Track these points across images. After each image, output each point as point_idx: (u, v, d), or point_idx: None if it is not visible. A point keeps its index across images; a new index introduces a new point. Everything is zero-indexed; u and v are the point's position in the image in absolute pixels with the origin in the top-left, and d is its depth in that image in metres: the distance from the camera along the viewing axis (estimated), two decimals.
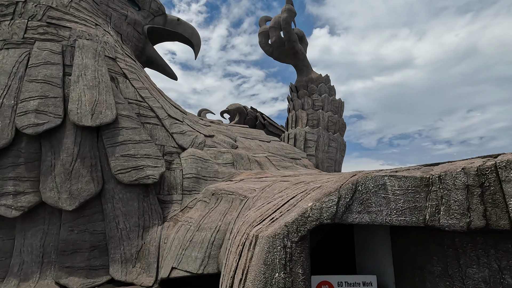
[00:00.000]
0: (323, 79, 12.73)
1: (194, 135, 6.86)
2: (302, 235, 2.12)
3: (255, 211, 2.47)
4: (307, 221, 2.16)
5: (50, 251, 4.95)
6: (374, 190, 2.36)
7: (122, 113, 5.82)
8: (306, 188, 2.47)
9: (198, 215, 4.71)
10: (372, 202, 2.32)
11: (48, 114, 5.23)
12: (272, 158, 7.98)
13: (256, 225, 2.18)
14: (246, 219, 2.39)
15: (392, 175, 2.38)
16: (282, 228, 2.11)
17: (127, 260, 4.98)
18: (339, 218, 2.29)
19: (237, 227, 2.44)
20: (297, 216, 2.13)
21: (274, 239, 2.05)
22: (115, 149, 5.41)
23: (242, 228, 2.33)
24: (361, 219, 2.29)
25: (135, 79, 6.68)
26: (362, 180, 2.38)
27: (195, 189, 5.89)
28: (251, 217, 2.36)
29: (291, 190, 2.93)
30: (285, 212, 2.22)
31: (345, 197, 2.34)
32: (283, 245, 2.07)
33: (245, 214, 2.64)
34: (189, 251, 4.22)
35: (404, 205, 2.28)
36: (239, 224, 2.42)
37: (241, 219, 2.53)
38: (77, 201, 4.94)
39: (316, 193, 2.33)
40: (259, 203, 3.53)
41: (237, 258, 2.19)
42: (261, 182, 4.80)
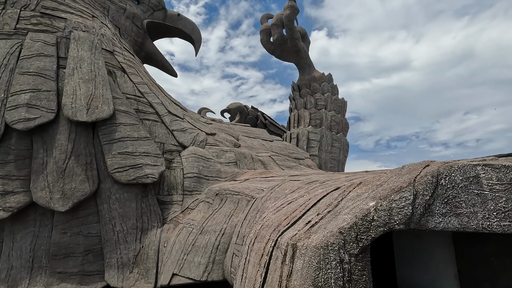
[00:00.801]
0: (326, 78, 12.48)
1: (195, 132, 6.54)
2: (364, 246, 1.55)
3: (274, 213, 2.14)
4: (371, 226, 1.58)
5: (41, 256, 4.60)
6: (463, 184, 1.79)
7: (120, 108, 5.49)
8: (338, 185, 2.09)
9: (201, 217, 4.39)
10: (462, 201, 1.76)
11: (40, 109, 4.90)
12: (276, 157, 7.68)
13: (285, 229, 1.79)
14: (266, 222, 2.03)
15: (487, 164, 1.82)
16: (336, 236, 1.54)
17: (124, 265, 4.64)
18: (415, 223, 1.74)
19: (254, 231, 2.09)
20: (356, 220, 1.57)
21: (326, 251, 1.51)
22: (112, 146, 5.08)
23: (262, 233, 1.96)
24: (447, 224, 1.72)
25: (133, 74, 6.36)
26: (445, 171, 1.81)
27: (196, 189, 5.57)
28: (273, 219, 2.01)
29: (312, 189, 2.59)
30: (327, 215, 1.72)
31: (423, 194, 1.75)
32: (339, 260, 1.52)
33: (262, 216, 2.31)
34: (191, 256, 3.89)
35: (508, 206, 1.73)
36: (256, 228, 2.07)
37: (258, 222, 2.20)
38: (70, 202, 4.60)
39: (366, 189, 1.82)
40: (271, 204, 3.22)
41: (263, 272, 1.74)
42: (268, 181, 4.49)
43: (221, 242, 3.75)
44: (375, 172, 3.20)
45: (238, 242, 3.42)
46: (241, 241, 3.38)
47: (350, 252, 1.56)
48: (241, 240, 3.40)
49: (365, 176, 2.56)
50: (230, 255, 3.51)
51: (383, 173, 2.05)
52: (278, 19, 12.25)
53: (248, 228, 3.39)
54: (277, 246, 1.68)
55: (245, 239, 2.44)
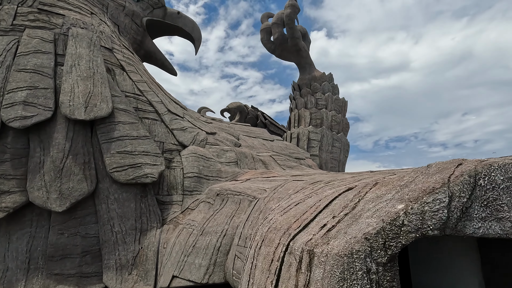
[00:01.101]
0: (327, 78, 12.40)
1: (195, 132, 6.44)
2: (392, 254, 1.36)
3: (281, 214, 2.03)
4: (401, 232, 1.38)
5: (38, 257, 4.49)
6: (505, 185, 1.59)
7: (119, 106, 5.39)
8: (350, 186, 1.96)
9: (202, 217, 4.29)
10: (504, 204, 1.56)
11: (37, 106, 4.79)
12: (277, 157, 7.59)
13: (296, 233, 1.67)
14: (273, 224, 1.92)
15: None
16: (362, 242, 1.36)
17: (123, 266, 4.54)
18: (451, 228, 1.55)
19: (261, 234, 1.98)
20: (384, 225, 1.39)
21: (351, 259, 1.33)
22: (111, 145, 4.98)
23: (270, 236, 1.84)
24: (487, 229, 1.54)
25: (133, 72, 6.26)
26: (484, 170, 1.63)
27: (196, 189, 5.47)
28: (281, 221, 1.90)
29: (318, 189, 2.47)
30: (344, 218, 1.56)
31: (459, 196, 1.57)
32: (365, 269, 1.32)
33: (267, 217, 2.21)
34: (192, 258, 3.80)
35: None
36: (263, 230, 1.97)
37: (264, 223, 2.10)
38: (68, 202, 4.49)
39: (387, 190, 1.64)
40: (274, 205, 3.13)
41: (273, 279, 1.58)
42: (270, 182, 4.40)
43: (223, 244, 3.66)
44: (382, 172, 3.12)
45: (241, 244, 3.33)
46: (244, 243, 3.28)
47: (378, 261, 1.37)
48: (243, 242, 3.31)
49: (373, 176, 2.47)
50: (232, 257, 3.42)
51: (402, 172, 1.94)
52: (278, 18, 12.17)
53: (251, 229, 3.29)
54: (289, 252, 1.55)
55: (250, 242, 2.35)
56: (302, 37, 12.45)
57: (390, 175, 2.04)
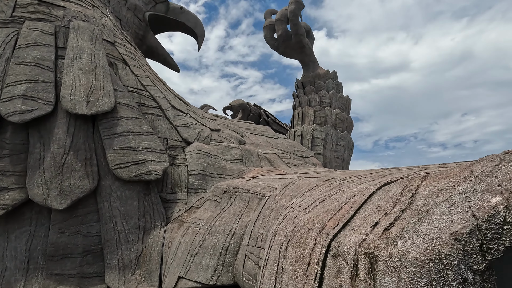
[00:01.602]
0: (331, 75, 12.23)
1: (199, 128, 6.28)
2: (492, 260, 1.06)
3: (307, 212, 1.85)
4: (503, 231, 1.05)
5: (37, 256, 4.33)
6: None
7: (122, 101, 5.22)
8: (385, 180, 1.73)
9: (208, 216, 4.13)
10: None
11: (37, 100, 4.62)
12: (282, 155, 7.43)
13: (336, 232, 1.46)
14: (299, 222, 1.73)
15: None
16: (452, 244, 1.07)
17: (126, 266, 4.37)
18: None
19: (285, 233, 1.79)
20: (478, 222, 1.08)
21: (440, 266, 1.04)
22: (113, 141, 4.81)
23: (300, 235, 1.63)
24: None
25: (135, 66, 6.09)
26: None
27: (201, 187, 5.30)
28: (309, 220, 1.71)
29: (336, 186, 2.31)
30: (402, 214, 1.29)
31: None
32: (460, 279, 1.03)
33: (287, 216, 2.04)
34: (198, 258, 3.63)
35: None
36: (287, 230, 1.77)
37: (286, 222, 1.92)
38: (68, 199, 4.32)
39: (451, 182, 1.34)
40: (287, 203, 2.97)
41: (315, 286, 1.37)
42: (279, 179, 4.24)
43: (231, 243, 3.49)
44: (397, 169, 2.95)
45: (251, 244, 3.17)
46: (254, 243, 3.12)
47: (474, 268, 1.05)
48: (254, 242, 3.14)
49: (396, 172, 2.30)
50: (241, 257, 3.25)
51: (442, 165, 1.77)
52: (282, 15, 11.99)
53: (262, 228, 3.13)
54: (334, 254, 1.34)
55: (268, 242, 2.17)
56: (306, 34, 12.28)
57: (421, 170, 1.86)
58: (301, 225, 1.67)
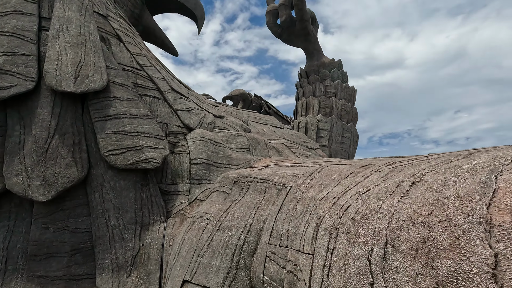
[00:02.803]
0: (336, 64, 11.68)
1: (202, 113, 5.69)
2: None
3: (398, 201, 1.30)
4: None
5: (17, 256, 3.74)
6: None
7: (115, 80, 4.60)
8: (462, 164, 1.20)
9: (217, 209, 3.57)
10: None
11: (16, 76, 3.98)
12: (290, 145, 6.89)
13: None
14: (399, 216, 1.18)
15: None
16: None
17: (120, 267, 3.81)
18: None
19: (376, 231, 1.23)
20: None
21: None
22: (106, 124, 4.21)
23: (422, 235, 1.11)
24: None
25: (131, 44, 5.45)
26: None
27: (205, 178, 4.74)
28: (416, 211, 1.15)
29: (386, 174, 1.79)
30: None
31: None
32: None
33: (334, 205, 1.51)
34: (207, 259, 3.08)
35: None
36: (381, 226, 1.22)
37: (348, 214, 1.39)
38: (53, 190, 3.73)
39: None
40: (317, 193, 2.43)
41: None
42: (299, 167, 3.70)
43: (247, 242, 2.95)
44: (418, 157, 2.44)
45: (273, 242, 2.63)
46: (278, 241, 2.58)
47: None
48: (277, 240, 2.61)
49: (432, 158, 1.81)
50: (261, 258, 2.71)
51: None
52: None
53: (287, 224, 2.59)
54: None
55: (311, 242, 1.64)
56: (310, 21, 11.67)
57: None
58: (404, 219, 1.12)
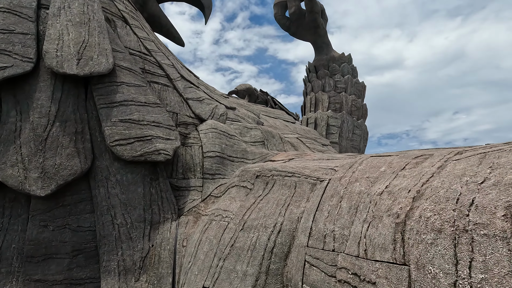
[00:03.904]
0: (346, 59, 11.29)
1: (213, 104, 5.28)
2: None
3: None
4: None
5: (11, 257, 3.33)
6: None
7: (122, 64, 4.19)
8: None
9: (238, 206, 3.17)
10: None
11: (12, 56, 3.56)
12: (305, 140, 6.50)
13: None
14: None
15: None
16: None
17: (128, 270, 3.41)
18: None
19: None
20: None
21: None
22: (112, 111, 3.80)
23: None
24: None
25: (137, 27, 5.03)
26: None
27: (219, 172, 4.34)
28: None
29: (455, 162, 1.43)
30: None
31: None
32: None
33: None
34: (230, 263, 2.69)
35: None
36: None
37: None
38: (53, 183, 3.32)
39: None
40: (369, 187, 2.05)
41: None
42: (329, 161, 3.30)
43: (278, 243, 2.56)
44: (479, 147, 2.06)
45: (314, 245, 2.23)
46: (321, 243, 2.19)
47: None
48: (319, 242, 2.21)
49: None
50: (297, 263, 2.32)
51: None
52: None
53: (331, 223, 2.20)
54: None
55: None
56: None
57: None
58: None
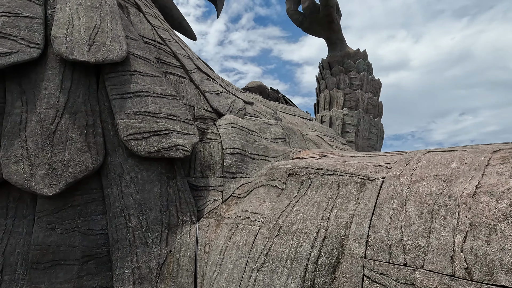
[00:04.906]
0: (361, 55, 10.88)
1: (231, 98, 4.92)
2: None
3: None
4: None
5: (15, 263, 2.99)
6: None
7: (136, 52, 3.85)
8: None
9: (270, 208, 2.80)
10: None
11: (18, 41, 3.23)
12: (326, 138, 6.11)
13: None
14: None
15: None
16: None
17: (143, 279, 3.05)
18: None
19: None
20: None
21: None
22: (126, 102, 3.45)
23: None
24: None
25: (151, 15, 4.70)
26: None
27: (240, 171, 3.97)
28: None
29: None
30: None
31: None
32: None
33: None
34: (266, 274, 2.31)
35: None
36: None
37: None
38: (62, 181, 2.98)
39: None
40: (443, 187, 1.66)
41: None
42: (375, 157, 2.91)
43: (323, 253, 2.17)
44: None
45: (376, 257, 1.85)
46: (386, 255, 1.80)
47: None
48: (383, 254, 1.83)
49: None
50: (352, 278, 1.93)
51: None
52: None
53: (396, 231, 1.81)
54: None
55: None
56: None
57: None
58: None
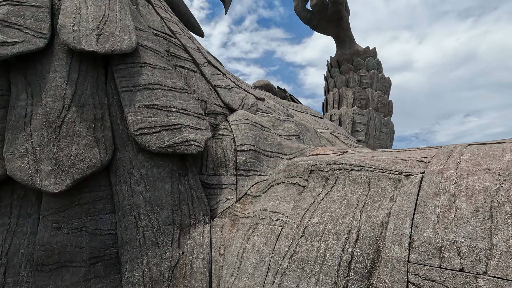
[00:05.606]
0: (371, 53, 10.66)
1: (243, 93, 4.74)
2: None
3: None
4: None
5: (19, 264, 2.82)
6: None
7: (145, 44, 3.67)
8: None
9: (292, 207, 2.59)
10: None
11: (23, 30, 3.07)
12: (339, 135, 5.90)
13: None
14: None
15: None
16: None
17: (155, 282, 2.86)
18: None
19: None
20: None
21: None
22: (135, 95, 3.28)
23: None
24: None
25: (160, 7, 4.54)
26: None
27: (254, 168, 3.78)
28: None
29: None
30: None
31: None
32: None
33: None
34: (291, 279, 2.10)
35: None
36: None
37: None
38: (68, 178, 2.80)
39: None
40: (502, 182, 1.45)
41: None
42: (405, 151, 2.70)
43: (356, 255, 1.96)
44: None
45: (423, 261, 1.63)
46: (436, 260, 1.59)
47: None
48: (431, 257, 1.61)
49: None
50: (393, 284, 1.72)
51: None
52: None
53: (447, 231, 1.60)
54: None
55: None
56: None
57: None
58: None
